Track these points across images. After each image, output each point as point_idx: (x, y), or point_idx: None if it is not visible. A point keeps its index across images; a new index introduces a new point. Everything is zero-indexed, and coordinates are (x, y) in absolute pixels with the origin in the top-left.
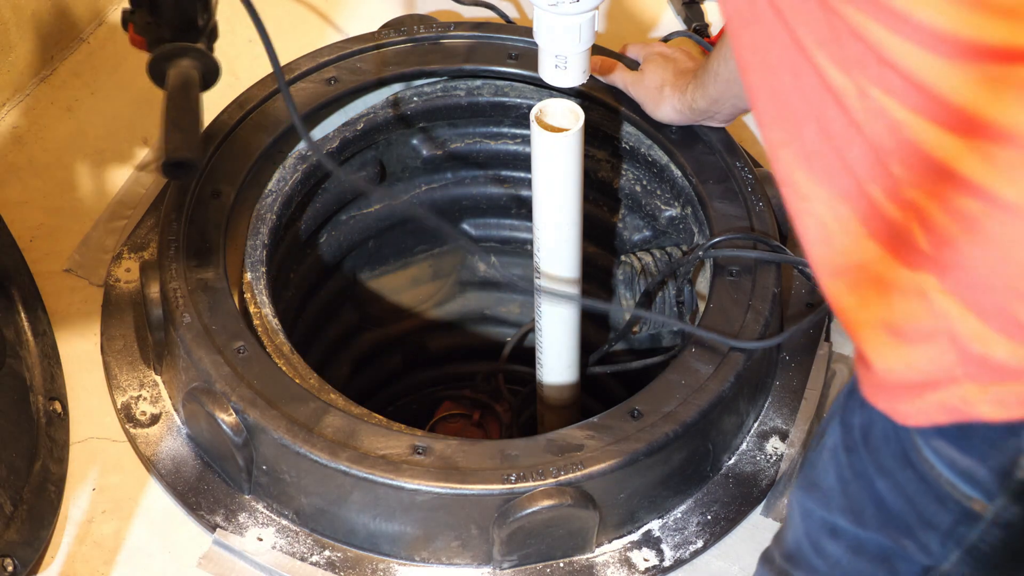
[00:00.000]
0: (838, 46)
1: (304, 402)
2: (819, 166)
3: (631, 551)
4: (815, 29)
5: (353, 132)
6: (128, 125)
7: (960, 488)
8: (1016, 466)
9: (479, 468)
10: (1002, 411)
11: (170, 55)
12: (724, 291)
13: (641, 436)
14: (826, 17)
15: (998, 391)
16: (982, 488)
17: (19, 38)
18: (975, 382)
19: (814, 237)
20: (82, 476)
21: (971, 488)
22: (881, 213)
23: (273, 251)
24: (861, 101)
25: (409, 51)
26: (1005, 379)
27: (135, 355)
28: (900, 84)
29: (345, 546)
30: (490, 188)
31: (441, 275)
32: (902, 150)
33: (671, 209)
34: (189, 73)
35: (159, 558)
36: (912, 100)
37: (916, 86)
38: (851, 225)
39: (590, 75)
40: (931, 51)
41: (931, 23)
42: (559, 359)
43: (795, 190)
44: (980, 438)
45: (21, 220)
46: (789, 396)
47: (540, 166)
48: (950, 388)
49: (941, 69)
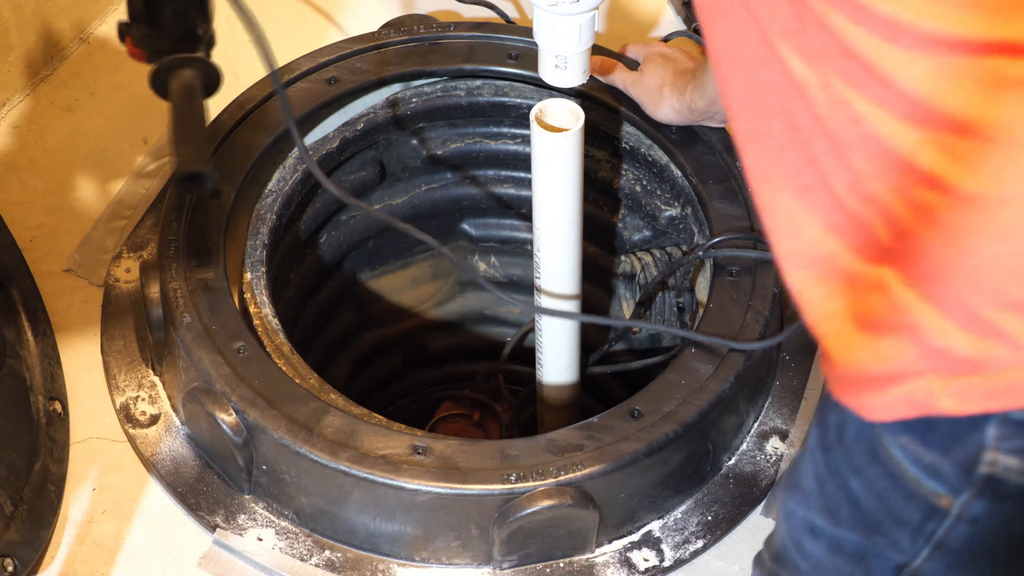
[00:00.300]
0: (803, 38)
1: (304, 402)
2: (788, 159)
3: (631, 551)
4: (781, 20)
5: (353, 132)
6: (128, 125)
7: (926, 484)
8: (978, 461)
9: (479, 468)
10: (963, 405)
11: (172, 67)
12: (724, 291)
13: (641, 436)
14: (792, 8)
15: (959, 384)
16: (947, 483)
17: (19, 38)
18: (937, 375)
19: (783, 229)
20: (82, 476)
21: (937, 484)
22: (844, 206)
23: (273, 251)
24: (824, 93)
25: (409, 51)
26: (965, 372)
27: (135, 355)
28: (862, 76)
29: (345, 546)
30: (490, 188)
31: (441, 275)
32: (863, 142)
33: (671, 209)
34: (192, 83)
35: (159, 558)
36: (873, 92)
37: (878, 78)
38: (817, 218)
39: (590, 75)
40: (892, 42)
41: (891, 14)
42: (559, 359)
43: (765, 182)
44: (944, 433)
45: (21, 220)
46: (789, 396)
47: (540, 166)
48: (914, 381)
49: (901, 61)
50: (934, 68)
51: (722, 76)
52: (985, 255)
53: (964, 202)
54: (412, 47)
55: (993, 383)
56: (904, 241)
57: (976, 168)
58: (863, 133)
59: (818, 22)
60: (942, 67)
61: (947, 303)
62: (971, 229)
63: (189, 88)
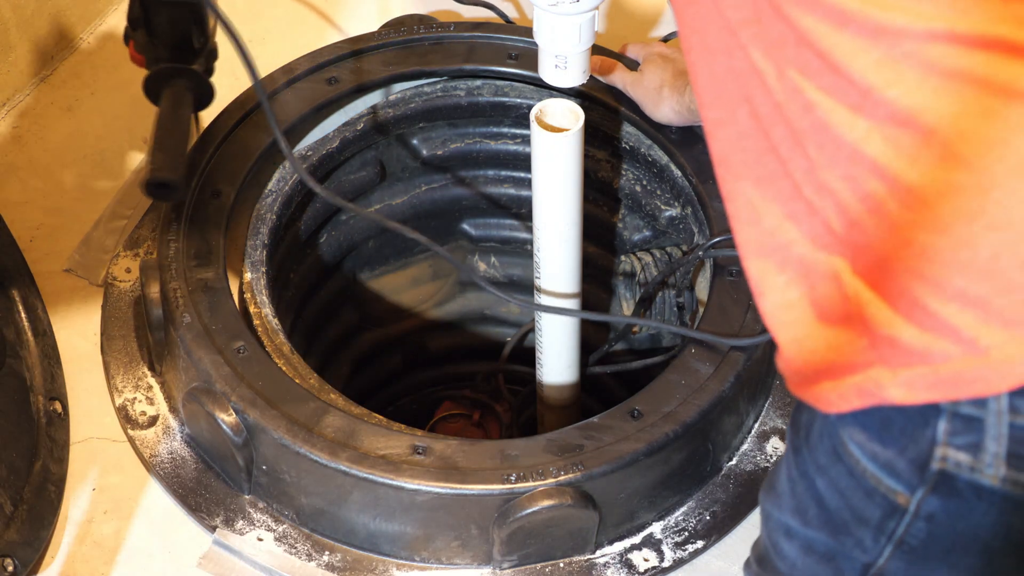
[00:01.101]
0: (760, 26)
1: (304, 402)
2: (749, 147)
3: (631, 551)
4: (741, 9)
5: (353, 132)
6: (128, 125)
7: (884, 481)
8: (931, 457)
9: (479, 468)
10: (910, 394)
11: (165, 76)
12: (724, 291)
13: (641, 436)
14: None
15: (906, 374)
16: (903, 480)
17: (19, 38)
18: (886, 365)
19: (743, 217)
20: (82, 476)
21: (894, 481)
22: (801, 195)
23: (273, 251)
24: (780, 82)
25: (409, 51)
26: (912, 362)
27: (135, 355)
28: (815, 64)
29: (345, 546)
30: (490, 188)
31: (441, 275)
32: (815, 131)
33: (671, 209)
34: (182, 94)
35: (159, 558)
36: (824, 81)
37: (829, 67)
38: (776, 206)
39: (590, 75)
40: (840, 31)
41: (838, 2)
42: (559, 359)
43: (728, 170)
44: (898, 430)
45: (21, 220)
46: (789, 396)
47: (540, 166)
48: (865, 371)
49: (849, 49)
50: (880, 58)
51: (691, 64)
52: (929, 247)
53: (907, 193)
54: (412, 47)
55: (938, 373)
56: (854, 231)
57: (919, 159)
58: (815, 121)
59: (774, 10)
60: (887, 57)
61: (893, 294)
62: (915, 221)
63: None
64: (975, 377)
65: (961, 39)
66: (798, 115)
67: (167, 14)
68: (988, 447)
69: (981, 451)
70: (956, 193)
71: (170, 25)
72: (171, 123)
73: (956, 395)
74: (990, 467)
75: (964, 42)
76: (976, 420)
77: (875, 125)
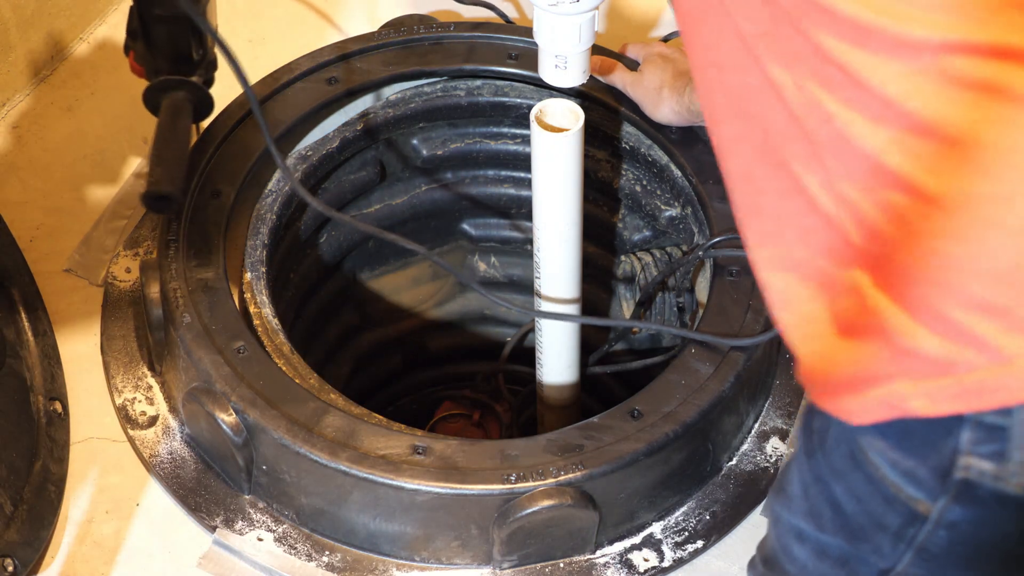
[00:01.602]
0: (778, 40)
1: (304, 402)
2: (767, 161)
3: (631, 552)
4: (757, 23)
5: (353, 132)
6: (128, 125)
7: (905, 489)
8: (954, 466)
9: (479, 468)
10: (933, 406)
11: (165, 87)
12: (724, 291)
13: (641, 436)
14: (767, 10)
15: (928, 386)
16: (925, 489)
17: (19, 38)
18: (908, 378)
19: (767, 231)
20: (82, 476)
21: (915, 489)
22: (819, 208)
23: (273, 251)
24: (798, 94)
25: (409, 51)
26: (934, 374)
27: (135, 355)
28: (836, 77)
29: (345, 546)
30: (490, 188)
31: (441, 275)
32: (834, 142)
33: (671, 209)
34: (181, 106)
35: (159, 558)
36: (845, 93)
37: (850, 79)
38: (795, 220)
39: (590, 75)
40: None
41: (855, 16)
42: (559, 359)
43: (747, 185)
44: (919, 439)
45: (21, 220)
46: (789, 396)
47: (540, 166)
48: (887, 384)
49: (870, 62)
50: (900, 70)
51: (703, 81)
52: (950, 257)
53: (929, 203)
54: (412, 47)
55: (962, 384)
56: (874, 243)
57: (939, 169)
58: (834, 133)
59: (791, 25)
60: (907, 69)
61: (916, 306)
62: (936, 231)
63: (177, 109)
64: (999, 386)
65: (978, 49)
66: (816, 126)
67: (166, 26)
68: (1013, 456)
69: (1005, 460)
70: (977, 202)
71: (169, 37)
72: (170, 135)
73: (980, 405)
74: (1015, 476)
75: (981, 52)
76: (1000, 429)
77: (896, 136)
